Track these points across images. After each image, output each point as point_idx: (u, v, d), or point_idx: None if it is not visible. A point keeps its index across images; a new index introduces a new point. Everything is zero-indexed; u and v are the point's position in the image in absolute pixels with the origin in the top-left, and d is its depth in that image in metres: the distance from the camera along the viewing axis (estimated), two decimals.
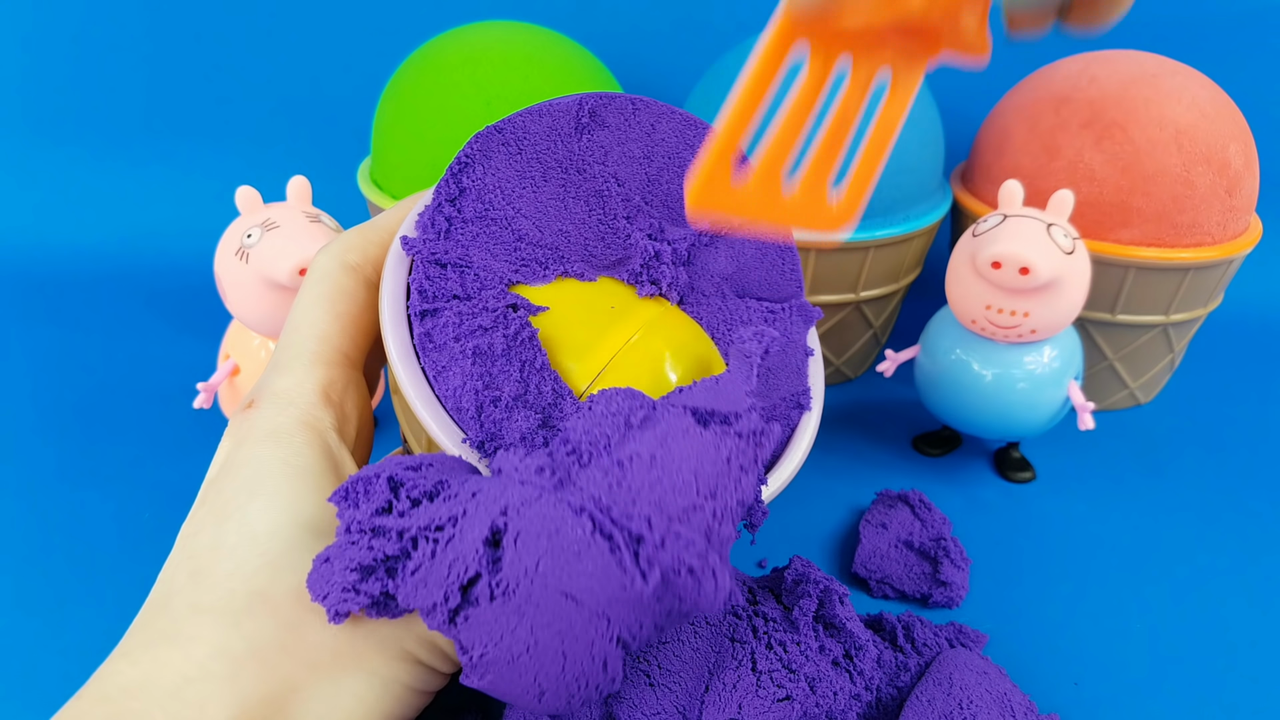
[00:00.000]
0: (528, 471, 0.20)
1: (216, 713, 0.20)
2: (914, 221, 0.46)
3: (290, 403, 0.25)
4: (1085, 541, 0.40)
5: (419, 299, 0.25)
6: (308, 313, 0.26)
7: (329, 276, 0.27)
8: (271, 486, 0.23)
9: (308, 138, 0.67)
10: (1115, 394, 0.50)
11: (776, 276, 0.30)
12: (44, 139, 0.68)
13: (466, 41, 0.45)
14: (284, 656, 0.21)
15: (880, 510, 0.39)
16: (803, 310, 0.30)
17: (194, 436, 0.45)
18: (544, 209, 0.27)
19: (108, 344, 0.54)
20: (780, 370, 0.28)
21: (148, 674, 0.20)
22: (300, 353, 0.26)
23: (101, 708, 0.20)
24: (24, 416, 0.47)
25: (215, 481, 0.24)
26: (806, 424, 0.29)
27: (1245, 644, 0.34)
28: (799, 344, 0.29)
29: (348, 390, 0.26)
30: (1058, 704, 0.31)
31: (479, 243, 0.26)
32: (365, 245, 0.27)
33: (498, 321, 0.25)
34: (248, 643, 0.21)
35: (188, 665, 0.20)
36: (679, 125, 0.29)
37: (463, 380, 0.24)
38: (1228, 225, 0.44)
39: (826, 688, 0.27)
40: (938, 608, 0.36)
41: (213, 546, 0.22)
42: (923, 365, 0.42)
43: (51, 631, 0.33)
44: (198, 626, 0.21)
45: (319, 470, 0.23)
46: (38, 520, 0.39)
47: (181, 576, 0.22)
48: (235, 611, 0.21)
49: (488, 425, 0.24)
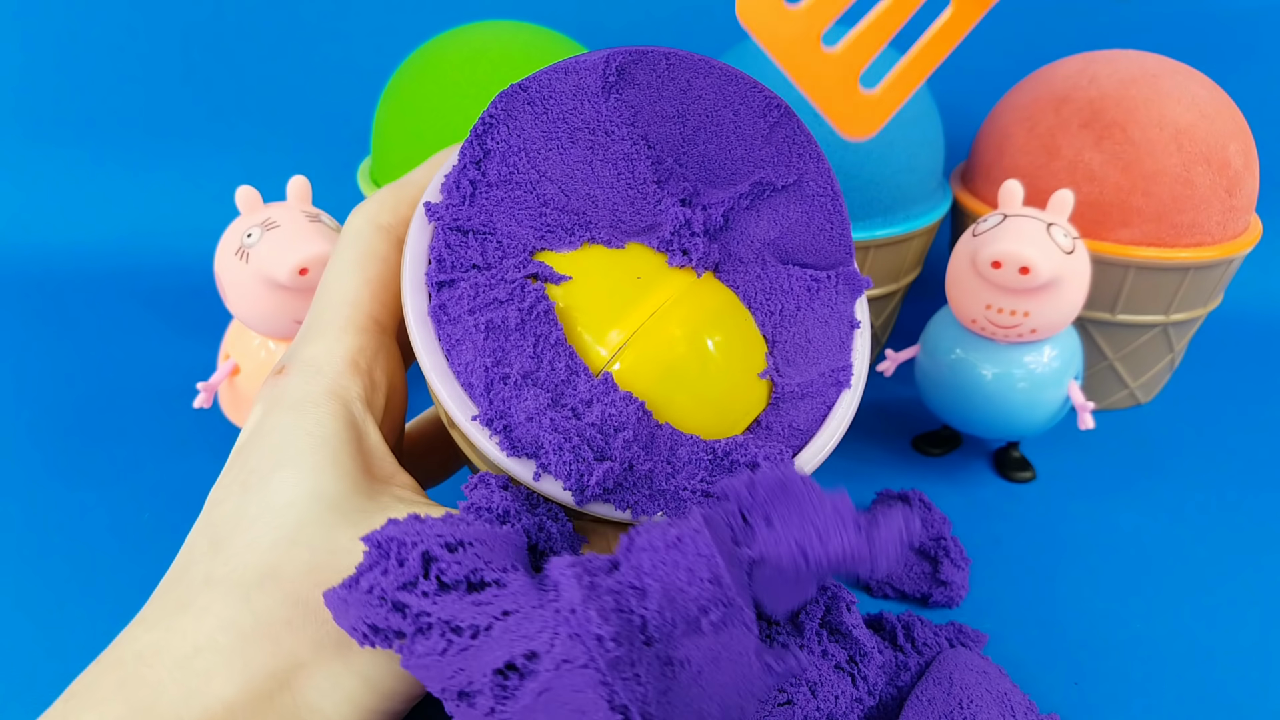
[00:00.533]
0: (583, 623, 0.18)
1: (222, 685, 0.20)
2: (914, 221, 0.46)
3: (318, 371, 0.25)
4: (1085, 541, 0.40)
5: (437, 269, 0.24)
6: (339, 277, 0.26)
7: (361, 238, 0.26)
8: (294, 458, 0.23)
9: (308, 137, 0.67)
10: (1115, 394, 0.50)
11: (824, 241, 0.28)
12: (44, 139, 0.68)
13: (466, 41, 0.45)
14: (292, 634, 0.21)
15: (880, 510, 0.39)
16: (850, 278, 0.28)
17: (194, 436, 0.45)
18: (570, 172, 0.26)
19: (108, 344, 0.54)
20: (821, 342, 0.27)
21: (161, 641, 0.21)
22: (331, 319, 0.26)
23: (116, 672, 0.21)
24: (23, 416, 0.47)
25: (243, 448, 0.24)
26: (843, 403, 0.27)
27: (1245, 644, 0.34)
28: (844, 315, 0.28)
29: (377, 357, 0.26)
30: (1058, 704, 0.31)
31: (503, 208, 0.25)
32: (398, 205, 0.27)
33: (514, 294, 0.24)
34: (256, 618, 0.21)
35: (198, 636, 0.21)
36: (718, 80, 0.26)
37: (474, 355, 0.24)
38: (1227, 225, 0.44)
39: (828, 692, 0.27)
40: (938, 607, 0.36)
41: (233, 516, 0.23)
42: (923, 365, 0.42)
43: (52, 631, 0.33)
44: (210, 598, 0.21)
45: (342, 442, 0.24)
46: (37, 521, 0.39)
47: (202, 544, 0.23)
48: (247, 586, 0.21)
49: (496, 403, 0.23)
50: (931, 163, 0.47)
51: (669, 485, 0.24)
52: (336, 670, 0.22)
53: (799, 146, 0.27)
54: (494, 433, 0.23)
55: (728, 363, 0.26)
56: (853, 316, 0.28)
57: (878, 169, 0.44)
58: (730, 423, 0.26)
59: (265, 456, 0.23)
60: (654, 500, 0.24)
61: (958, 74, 0.60)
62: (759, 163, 0.27)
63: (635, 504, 0.24)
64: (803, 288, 0.27)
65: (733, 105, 0.26)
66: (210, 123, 0.67)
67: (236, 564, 0.22)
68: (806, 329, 0.27)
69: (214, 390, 0.38)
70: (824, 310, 0.27)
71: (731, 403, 0.26)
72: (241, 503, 0.23)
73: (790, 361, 0.27)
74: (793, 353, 0.27)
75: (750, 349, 0.27)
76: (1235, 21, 0.61)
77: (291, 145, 0.67)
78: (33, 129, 0.68)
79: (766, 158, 0.27)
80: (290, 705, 0.21)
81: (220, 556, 0.22)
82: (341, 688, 0.22)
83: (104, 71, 0.66)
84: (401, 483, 0.25)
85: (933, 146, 0.47)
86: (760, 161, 0.27)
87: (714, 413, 0.26)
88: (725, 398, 0.26)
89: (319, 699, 0.21)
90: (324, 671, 0.21)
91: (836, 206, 0.27)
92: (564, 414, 0.23)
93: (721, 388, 0.26)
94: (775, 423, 0.27)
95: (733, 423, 0.26)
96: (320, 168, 0.55)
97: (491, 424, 0.23)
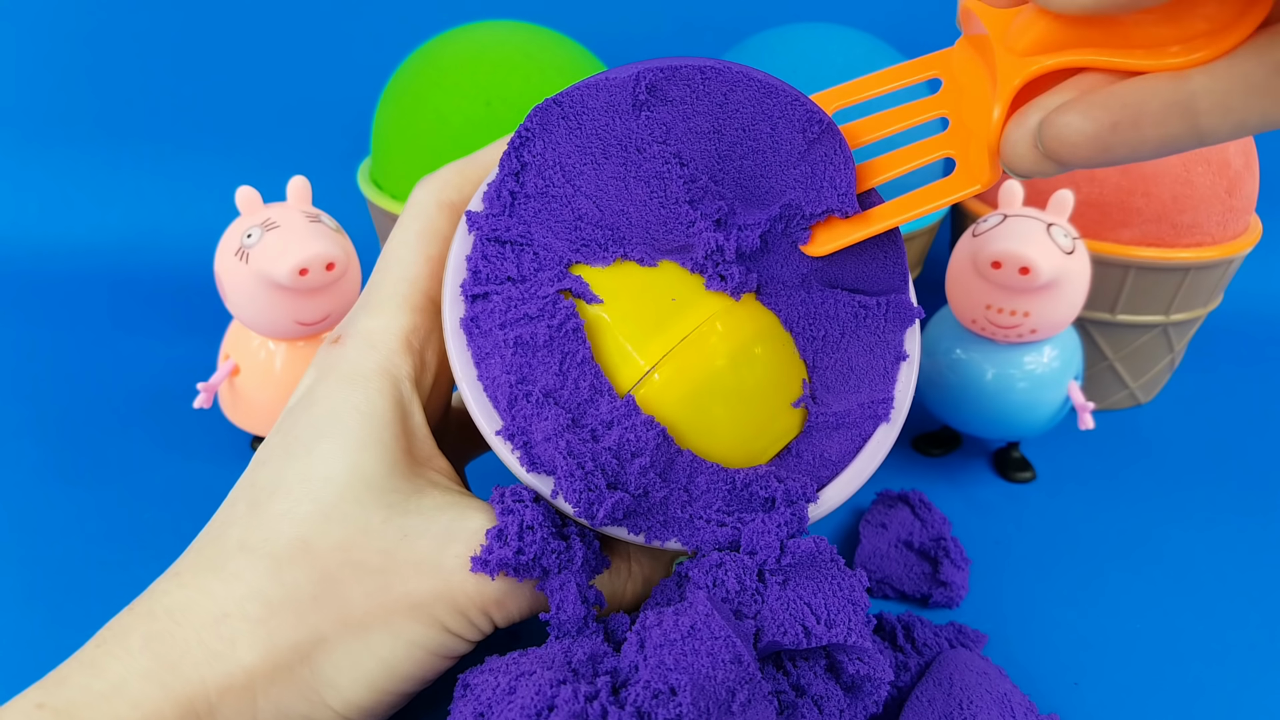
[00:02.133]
0: None
1: (246, 652, 0.21)
2: (914, 221, 0.46)
3: (373, 346, 0.25)
4: (1085, 541, 0.40)
5: (472, 281, 0.25)
6: (400, 252, 0.27)
7: (424, 214, 0.27)
8: (339, 431, 0.24)
9: (307, 138, 0.67)
10: (1115, 394, 0.50)
11: (875, 267, 0.26)
12: (44, 139, 0.68)
13: (466, 41, 0.45)
14: (317, 609, 0.22)
15: (880, 510, 0.39)
16: (901, 307, 0.26)
17: (194, 436, 0.45)
18: (604, 188, 0.25)
19: (108, 343, 0.54)
20: (864, 371, 0.26)
21: (192, 599, 0.22)
22: (390, 294, 0.26)
23: (147, 624, 0.22)
24: (23, 415, 0.47)
25: (292, 411, 0.25)
26: (880, 439, 0.26)
27: (1245, 643, 0.34)
28: (891, 344, 0.26)
29: (430, 338, 0.27)
30: (1057, 704, 0.31)
31: (540, 219, 0.25)
32: (462, 183, 0.27)
33: (545, 310, 0.24)
34: (285, 591, 0.22)
35: (228, 601, 0.22)
36: (758, 94, 0.24)
37: (501, 370, 0.24)
38: (1227, 225, 0.44)
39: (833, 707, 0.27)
40: (937, 608, 0.36)
41: (273, 482, 0.23)
42: (923, 365, 0.42)
43: (54, 630, 0.33)
44: (241, 565, 0.22)
45: (387, 421, 0.24)
46: (36, 520, 0.39)
47: (242, 505, 0.23)
48: (278, 558, 0.22)
49: (518, 419, 0.24)
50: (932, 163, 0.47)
51: (684, 514, 0.24)
52: (356, 649, 0.22)
53: (837, 164, 0.25)
54: (515, 448, 0.24)
55: (759, 390, 0.26)
56: (901, 347, 0.27)
57: None
58: (757, 450, 0.26)
59: (311, 425, 0.24)
60: (668, 528, 0.24)
61: None
62: (793, 181, 0.25)
63: (648, 530, 0.24)
64: (849, 314, 0.26)
65: (771, 119, 0.25)
66: (210, 123, 0.67)
67: (271, 532, 0.23)
68: (849, 356, 0.26)
69: (214, 390, 0.38)
70: (870, 338, 0.26)
71: (760, 431, 0.26)
72: (283, 468, 0.24)
73: (829, 389, 0.27)
74: (832, 380, 0.27)
75: (786, 376, 0.26)
76: None
77: (291, 146, 0.67)
78: (33, 129, 0.68)
79: (801, 176, 0.25)
80: (308, 678, 0.22)
81: (256, 521, 0.23)
82: (359, 665, 0.22)
83: (104, 72, 0.66)
84: (438, 467, 0.26)
85: None
86: (794, 180, 0.25)
87: (740, 440, 0.26)
88: (753, 425, 0.26)
89: (336, 674, 0.22)
90: (343, 649, 0.22)
91: (891, 232, 0.26)
92: (582, 436, 0.23)
93: (750, 415, 0.26)
94: (806, 451, 0.26)
95: (760, 450, 0.26)
96: (320, 168, 0.55)
97: (513, 439, 0.24)
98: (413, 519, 0.23)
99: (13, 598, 0.35)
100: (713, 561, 0.24)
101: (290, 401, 0.26)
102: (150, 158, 0.68)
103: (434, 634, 0.23)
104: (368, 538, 0.23)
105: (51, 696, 0.21)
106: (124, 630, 0.22)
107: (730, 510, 0.25)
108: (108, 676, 0.21)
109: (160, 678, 0.21)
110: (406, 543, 0.23)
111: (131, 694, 0.21)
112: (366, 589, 0.22)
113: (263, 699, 0.22)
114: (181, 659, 0.21)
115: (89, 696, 0.21)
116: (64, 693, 0.21)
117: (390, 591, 0.22)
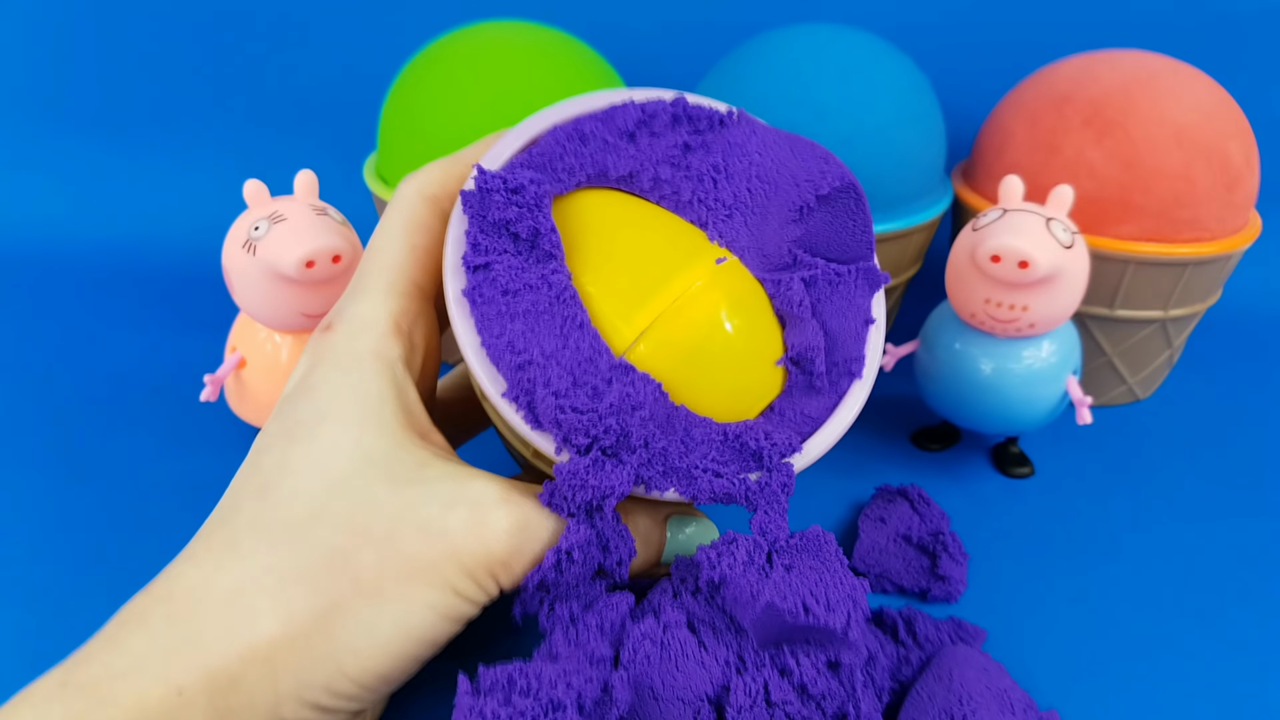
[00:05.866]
0: None
1: (265, 624, 0.22)
2: (915, 216, 0.46)
3: (365, 329, 0.26)
4: (1083, 537, 0.40)
5: (472, 253, 0.26)
6: (386, 241, 0.28)
7: (410, 207, 0.28)
8: (340, 412, 0.25)
9: (315, 132, 0.67)
10: (1114, 389, 0.50)
11: (846, 237, 0.29)
12: (52, 132, 0.68)
13: (472, 40, 0.46)
14: (331, 578, 0.23)
15: (879, 505, 0.39)
16: (869, 274, 0.29)
17: (201, 429, 0.45)
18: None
19: (115, 336, 0.55)
20: (839, 334, 0.28)
21: (209, 577, 0.23)
22: (376, 281, 0.27)
23: (165, 605, 0.22)
24: (30, 409, 0.47)
25: (290, 398, 0.26)
26: (855, 392, 0.28)
27: (1244, 640, 0.35)
28: (861, 309, 0.29)
29: (417, 321, 0.27)
30: (1056, 700, 0.32)
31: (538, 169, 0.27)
32: (445, 179, 0.28)
33: (544, 278, 0.25)
34: (299, 563, 0.23)
35: (244, 577, 0.22)
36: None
37: (504, 336, 0.25)
38: (1227, 221, 0.44)
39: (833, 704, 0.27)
40: (936, 603, 0.36)
41: (279, 466, 0.24)
42: (922, 360, 0.43)
43: (63, 622, 0.34)
44: (254, 543, 0.23)
45: (385, 399, 0.25)
46: (43, 513, 0.40)
47: (249, 490, 0.24)
48: (290, 533, 0.23)
49: (522, 381, 0.25)
50: (933, 159, 0.47)
51: (682, 463, 0.26)
52: (371, 614, 0.23)
53: (817, 152, 0.28)
54: (520, 408, 0.25)
55: (746, 350, 0.27)
56: (869, 312, 0.29)
57: (880, 165, 0.44)
58: (745, 407, 0.27)
59: (312, 408, 0.25)
60: (667, 477, 0.26)
61: (961, 74, 0.61)
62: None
63: (650, 479, 0.25)
64: (825, 280, 0.28)
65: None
66: (218, 117, 0.68)
67: (283, 510, 0.23)
68: (824, 320, 0.28)
69: (220, 383, 0.39)
70: (842, 303, 0.28)
71: (747, 389, 0.27)
72: (287, 451, 0.24)
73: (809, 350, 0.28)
74: None
75: (769, 337, 0.28)
76: (1235, 21, 0.61)
77: (299, 140, 0.68)
78: (41, 123, 0.68)
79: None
80: (328, 645, 0.23)
81: (267, 502, 0.24)
82: (376, 631, 0.23)
83: (112, 66, 0.66)
84: (436, 441, 0.27)
85: (934, 143, 0.47)
86: None
87: (729, 397, 0.27)
88: (741, 384, 0.27)
89: (353, 640, 0.23)
90: (360, 616, 0.23)
91: (860, 205, 0.29)
92: (584, 392, 0.24)
93: (738, 374, 0.27)
94: (788, 408, 0.28)
95: (747, 407, 0.27)
96: (327, 162, 0.55)
97: (518, 400, 0.25)
98: (417, 489, 0.24)
99: (21, 590, 0.35)
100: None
101: (286, 389, 0.26)
102: (159, 152, 0.68)
103: (444, 597, 0.24)
104: (375, 508, 0.23)
105: (74, 675, 0.21)
106: (143, 610, 0.22)
107: (724, 460, 0.26)
108: (130, 653, 0.21)
109: (182, 652, 0.21)
110: (412, 510, 0.24)
111: (155, 669, 0.21)
112: (377, 555, 0.23)
113: (283, 670, 0.22)
114: (202, 633, 0.22)
115: (112, 673, 0.21)
116: (87, 670, 0.21)
117: (400, 556, 0.23)
